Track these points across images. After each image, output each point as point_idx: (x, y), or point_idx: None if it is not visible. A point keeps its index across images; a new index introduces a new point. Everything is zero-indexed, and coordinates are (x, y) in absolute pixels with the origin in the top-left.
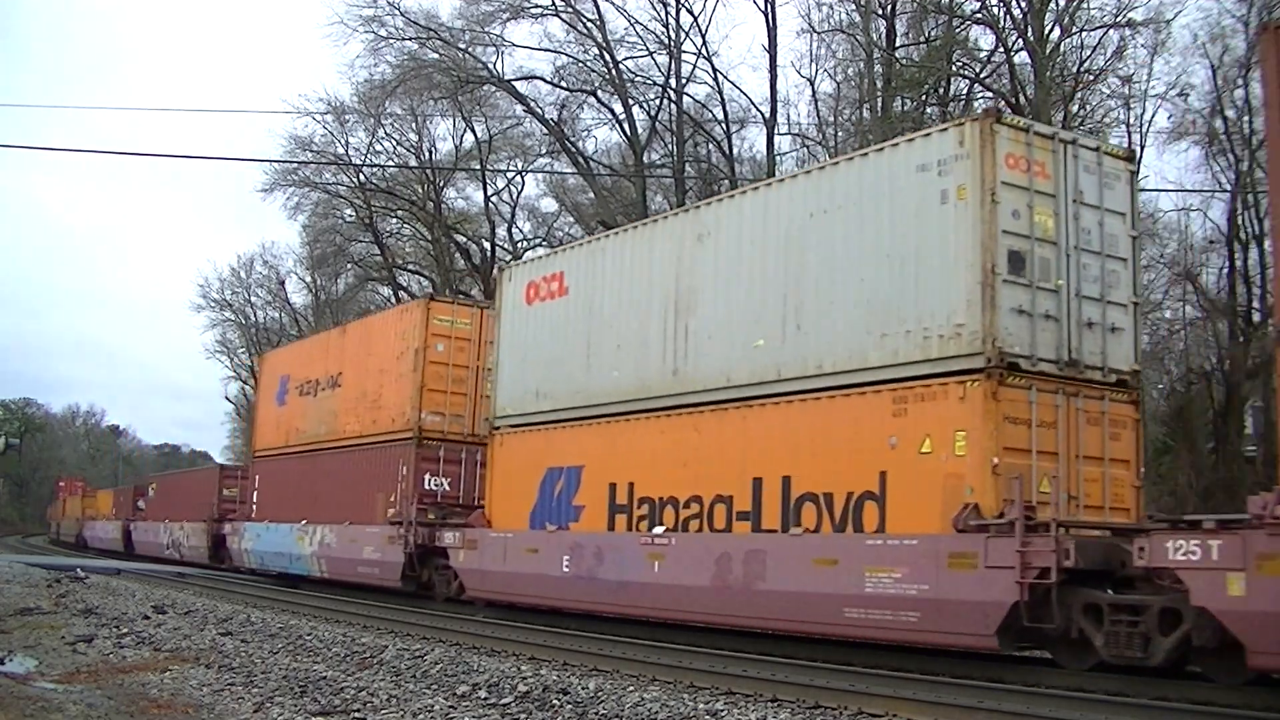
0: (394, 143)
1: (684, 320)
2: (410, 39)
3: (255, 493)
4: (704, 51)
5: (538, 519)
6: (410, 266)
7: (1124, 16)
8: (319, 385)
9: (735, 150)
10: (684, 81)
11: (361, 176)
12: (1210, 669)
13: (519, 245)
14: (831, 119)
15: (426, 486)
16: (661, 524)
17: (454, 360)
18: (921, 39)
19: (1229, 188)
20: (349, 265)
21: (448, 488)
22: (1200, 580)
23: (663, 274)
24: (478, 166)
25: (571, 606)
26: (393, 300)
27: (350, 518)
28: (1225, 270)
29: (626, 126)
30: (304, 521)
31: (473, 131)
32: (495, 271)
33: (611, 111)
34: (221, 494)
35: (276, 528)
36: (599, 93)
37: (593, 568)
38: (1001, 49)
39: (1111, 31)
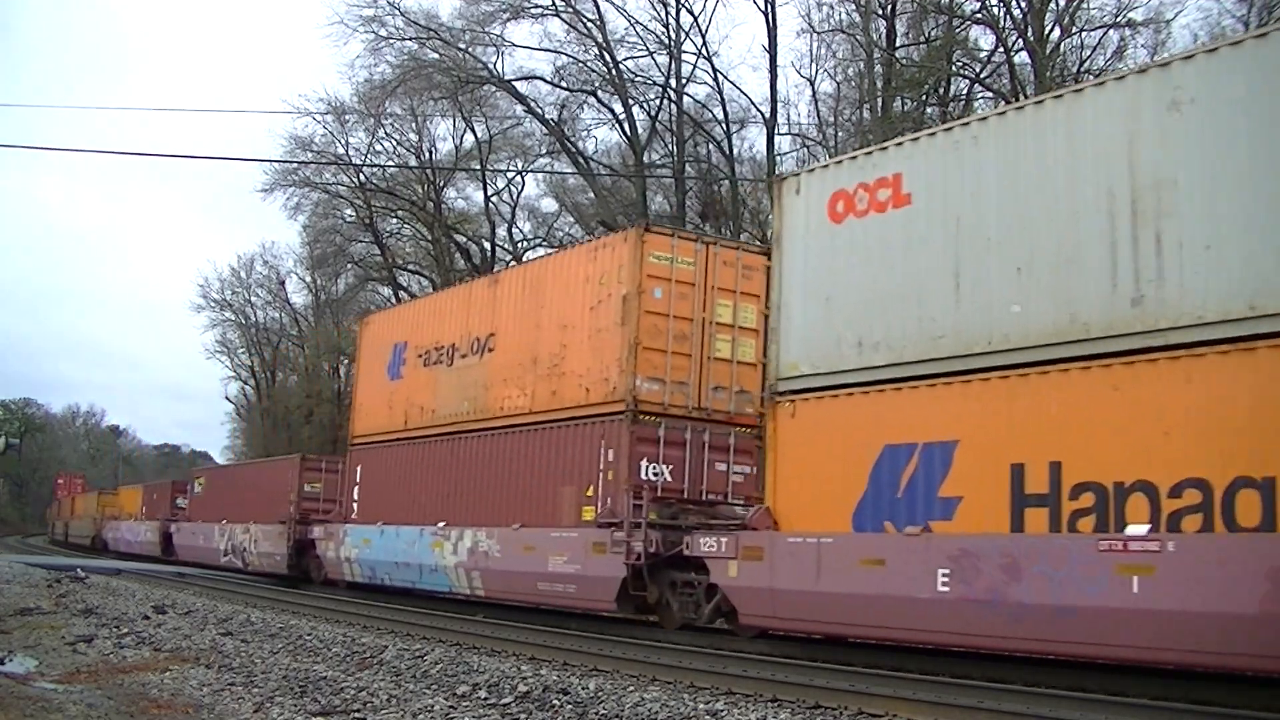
0: (394, 143)
1: (1151, 226)
2: (410, 39)
3: (356, 488)
4: (704, 51)
5: (869, 517)
6: (410, 266)
7: (1124, 16)
8: (455, 351)
9: (735, 150)
10: (684, 81)
11: (361, 176)
12: None
13: (519, 245)
14: (831, 119)
15: (644, 476)
16: (1127, 521)
17: (675, 310)
18: (921, 39)
19: None
20: (349, 265)
21: (669, 477)
22: None
23: (1099, 163)
24: (478, 166)
25: (957, 642)
26: (393, 300)
27: (521, 518)
28: None
29: (626, 126)
30: (441, 524)
31: (473, 131)
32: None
33: (611, 111)
34: (303, 490)
35: (397, 532)
36: (599, 93)
37: (999, 586)
38: (1001, 49)
39: (1111, 31)
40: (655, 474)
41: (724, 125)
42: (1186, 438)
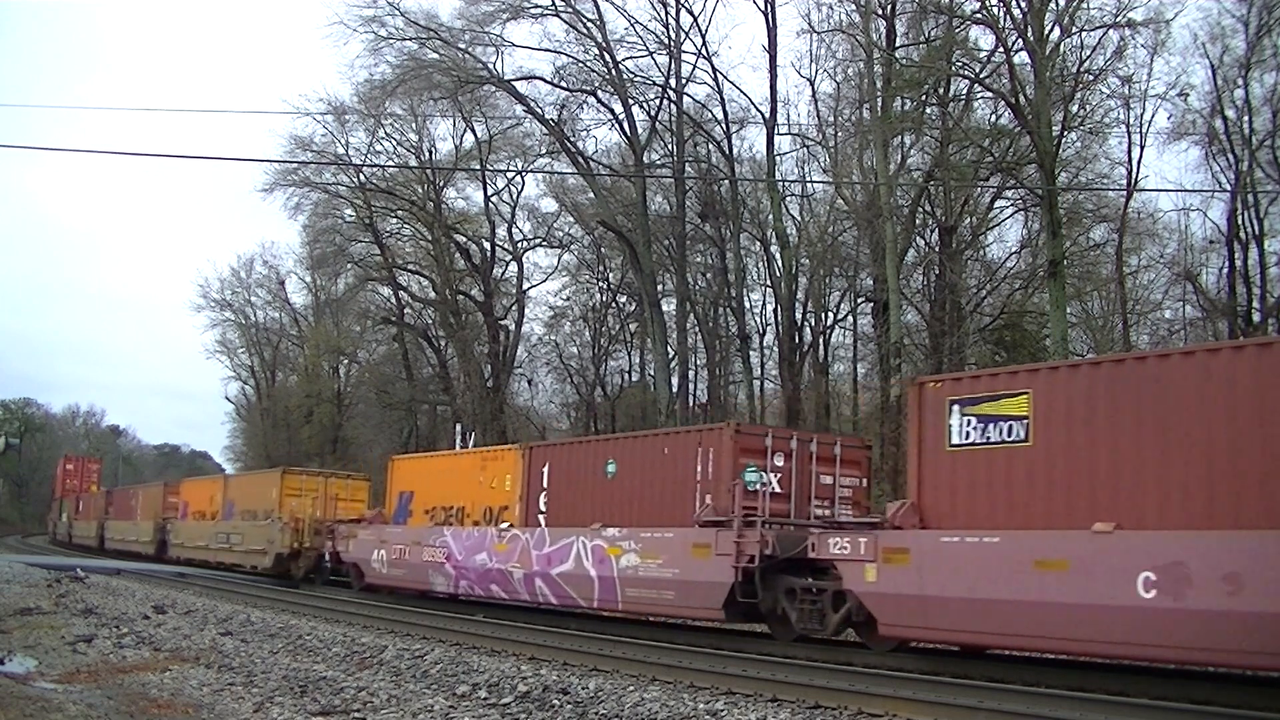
0: (394, 143)
1: None
2: (410, 39)
3: None
4: (704, 51)
5: None
6: (410, 266)
7: (1124, 16)
8: None
9: (735, 150)
10: (684, 81)
11: (361, 176)
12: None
13: (519, 245)
14: (831, 119)
15: None
16: None
17: None
18: (921, 39)
19: (1229, 188)
20: (349, 265)
21: None
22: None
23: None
24: (478, 166)
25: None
26: (393, 300)
27: None
28: (1225, 270)
29: (626, 126)
30: None
31: (473, 131)
32: None
33: (611, 111)
34: None
35: None
36: (599, 93)
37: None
38: (1001, 49)
39: (1111, 31)
40: None
41: (724, 125)
42: None
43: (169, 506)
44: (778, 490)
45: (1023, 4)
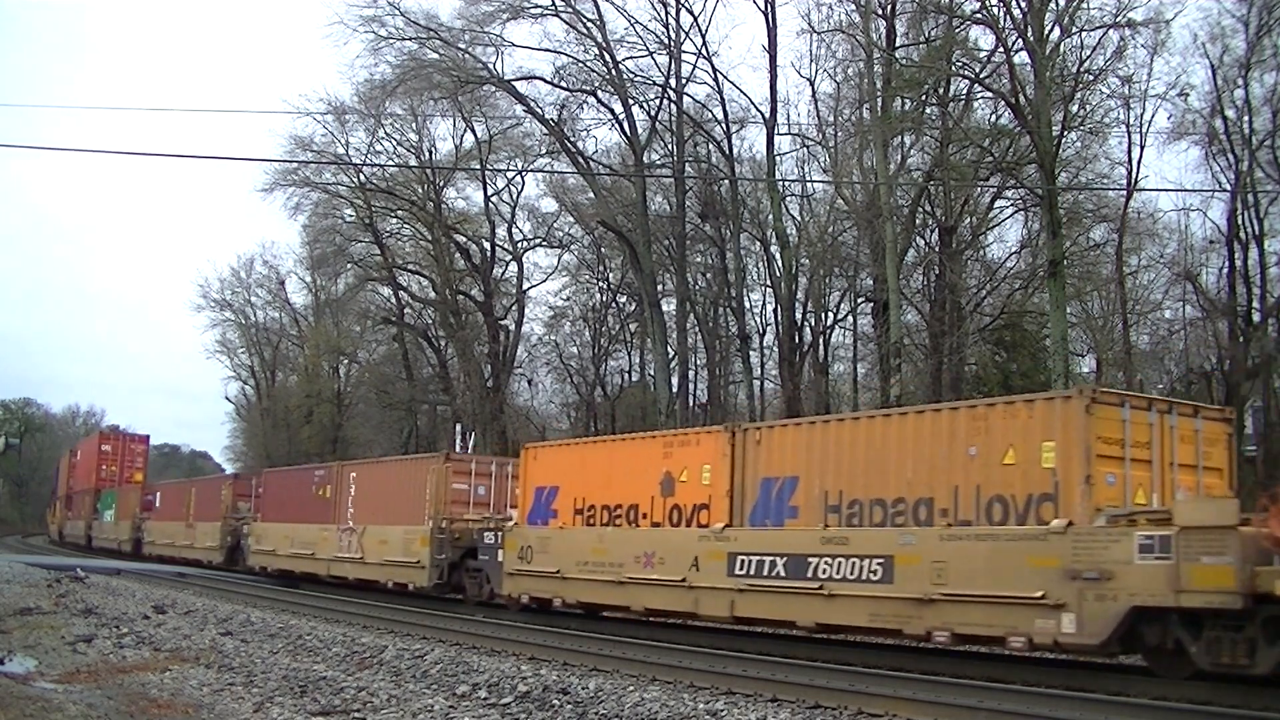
0: (394, 143)
1: None
2: (410, 39)
3: None
4: (704, 51)
5: None
6: (410, 266)
7: (1124, 16)
8: None
9: (735, 150)
10: (684, 81)
11: (361, 176)
12: None
13: (519, 245)
14: (831, 119)
15: None
16: None
17: None
18: (921, 39)
19: (1229, 188)
20: (349, 265)
21: None
22: None
23: None
24: (478, 166)
25: None
26: (393, 300)
27: None
28: (1225, 270)
29: (626, 126)
30: None
31: (473, 131)
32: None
33: (611, 111)
34: None
35: None
36: (599, 93)
37: None
38: (1001, 49)
39: (1111, 31)
40: None
41: (724, 125)
42: None
43: (457, 498)
44: None
45: (1023, 4)
